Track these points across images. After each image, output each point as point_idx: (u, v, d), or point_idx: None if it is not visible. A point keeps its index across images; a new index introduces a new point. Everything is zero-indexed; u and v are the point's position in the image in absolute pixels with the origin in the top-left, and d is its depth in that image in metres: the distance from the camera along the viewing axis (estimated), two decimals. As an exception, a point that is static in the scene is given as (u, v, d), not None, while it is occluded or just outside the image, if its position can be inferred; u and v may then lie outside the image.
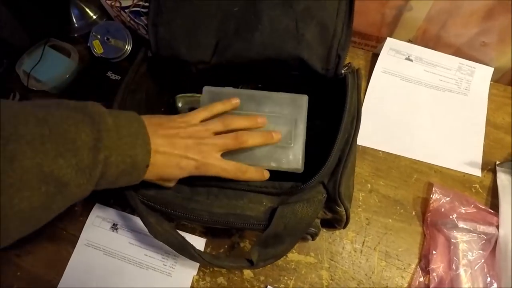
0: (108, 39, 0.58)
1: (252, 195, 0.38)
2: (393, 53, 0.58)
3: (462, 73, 0.57)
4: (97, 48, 0.58)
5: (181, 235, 0.38)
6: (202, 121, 0.37)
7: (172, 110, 0.47)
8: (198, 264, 0.47)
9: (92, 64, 0.58)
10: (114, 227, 0.49)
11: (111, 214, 0.50)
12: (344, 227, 0.41)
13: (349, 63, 0.42)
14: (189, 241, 0.47)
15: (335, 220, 0.40)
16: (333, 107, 0.41)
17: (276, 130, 0.39)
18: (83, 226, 0.49)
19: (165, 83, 0.48)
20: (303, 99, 0.40)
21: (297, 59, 0.40)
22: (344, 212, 0.37)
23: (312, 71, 0.40)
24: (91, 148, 0.27)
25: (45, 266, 0.47)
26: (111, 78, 0.56)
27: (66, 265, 0.47)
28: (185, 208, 0.38)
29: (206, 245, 0.47)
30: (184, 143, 0.34)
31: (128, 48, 0.58)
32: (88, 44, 0.58)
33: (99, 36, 0.58)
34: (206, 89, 0.41)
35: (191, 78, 0.44)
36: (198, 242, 0.47)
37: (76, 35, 0.61)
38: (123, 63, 0.59)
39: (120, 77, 0.56)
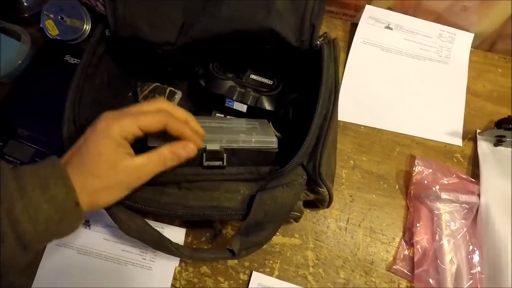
0: (62, 18, 0.52)
1: (228, 184, 0.35)
2: (373, 22, 0.55)
3: (443, 40, 0.55)
4: (51, 29, 0.52)
5: (156, 230, 0.35)
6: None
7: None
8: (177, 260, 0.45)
9: (46, 48, 0.52)
10: (86, 223, 0.46)
11: (82, 210, 0.46)
12: (327, 207, 0.39)
13: (325, 33, 0.39)
14: (168, 232, 0.46)
15: (318, 200, 0.38)
16: (310, 81, 0.38)
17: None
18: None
19: (129, 66, 0.44)
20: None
21: (268, 31, 0.37)
22: (326, 193, 0.36)
23: (285, 43, 0.37)
24: None
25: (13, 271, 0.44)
26: (69, 62, 0.51)
27: (37, 268, 0.44)
28: (157, 202, 0.35)
29: (186, 235, 0.45)
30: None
31: (87, 28, 0.53)
32: (41, 25, 0.52)
33: (51, 16, 0.52)
34: None
35: (157, 60, 0.41)
36: (177, 233, 0.45)
37: (26, 15, 0.55)
38: (83, 45, 0.53)
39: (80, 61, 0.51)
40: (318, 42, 0.37)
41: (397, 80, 0.54)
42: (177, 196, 0.35)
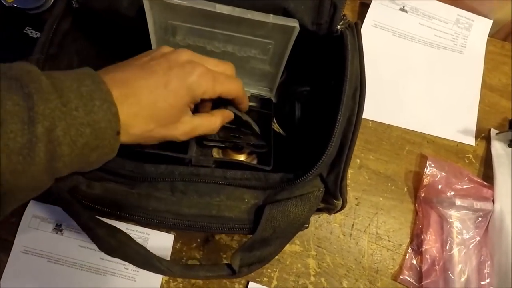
0: (20, -22, 0.43)
1: (231, 190, 0.30)
2: (386, 3, 0.49)
3: (460, 27, 0.50)
4: (7, -8, 0.42)
5: (142, 247, 0.29)
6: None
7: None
8: (167, 262, 0.40)
9: (3, 18, 0.43)
10: (58, 228, 0.40)
11: (52, 212, 0.40)
12: (334, 213, 0.35)
13: (343, 15, 0.33)
14: (154, 238, 0.41)
15: (326, 209, 0.34)
16: (327, 73, 0.33)
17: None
18: (17, 229, 0.40)
19: (106, 46, 0.36)
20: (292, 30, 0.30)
21: (280, 11, 0.31)
22: (341, 204, 0.31)
23: (299, 26, 0.30)
24: (24, 120, 0.19)
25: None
26: (30, 35, 0.42)
27: (-2, 279, 0.37)
28: (144, 209, 0.30)
29: (175, 241, 0.40)
30: (165, 64, 0.25)
31: (53, -8, 0.44)
32: (-7, -13, 0.42)
33: (6, -25, 0.42)
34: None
35: (141, 39, 0.33)
36: (165, 239, 0.40)
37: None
38: (48, 16, 0.44)
39: (44, 33, 0.42)
40: (339, 26, 0.31)
41: (409, 70, 0.49)
42: (168, 202, 0.30)
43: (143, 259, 0.29)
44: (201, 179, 0.30)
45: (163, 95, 0.24)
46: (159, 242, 0.40)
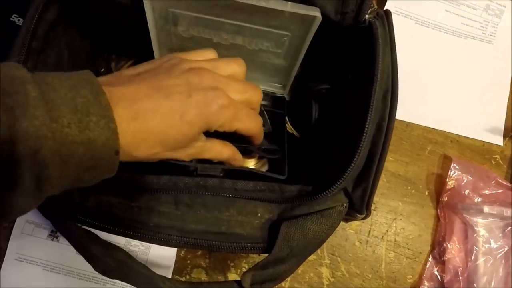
0: (3, -43, 0.38)
1: (242, 203, 0.27)
2: (410, -13, 0.45)
3: (490, 13, 0.46)
4: (-11, -27, 0.38)
5: (143, 266, 0.27)
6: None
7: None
8: (170, 271, 0.38)
9: (-15, 1, 0.39)
10: (53, 234, 0.37)
11: (46, 218, 0.37)
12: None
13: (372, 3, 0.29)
14: (156, 248, 0.38)
15: (346, 219, 0.31)
16: (350, 70, 0.29)
17: None
18: (10, 235, 0.37)
19: (99, 35, 0.32)
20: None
21: (298, -2, 0.27)
22: (363, 216, 0.28)
23: (321, 16, 0.26)
24: (5, 140, 0.16)
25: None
26: (17, 24, 0.38)
27: (-10, 291, 0.35)
28: (144, 224, 0.27)
29: (178, 249, 0.38)
30: (182, 84, 0.22)
31: (40, -27, 0.39)
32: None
33: (-13, -47, 0.38)
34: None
35: (136, 28, 0.29)
36: (168, 248, 0.37)
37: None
38: None
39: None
40: (367, 16, 0.27)
41: (432, 62, 0.45)
42: (172, 217, 0.27)
43: (145, 279, 0.26)
44: (208, 192, 0.27)
45: (177, 125, 0.21)
46: (162, 250, 0.38)
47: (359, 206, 0.25)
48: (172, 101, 0.21)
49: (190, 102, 0.21)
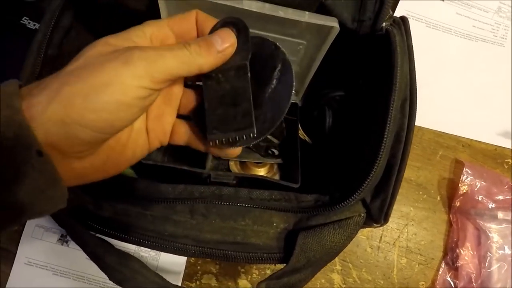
0: (12, -38, 0.38)
1: (257, 213, 0.27)
2: (422, -11, 0.44)
3: (501, 16, 0.45)
4: (-2, -22, 0.38)
5: (157, 274, 0.26)
6: None
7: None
8: (181, 277, 0.38)
9: (-5, 5, 0.38)
10: (63, 239, 0.37)
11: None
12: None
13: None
14: (165, 255, 0.38)
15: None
16: (367, 77, 0.28)
17: None
18: (20, 239, 0.37)
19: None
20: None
21: (314, 5, 0.26)
22: (380, 225, 0.28)
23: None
24: None
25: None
26: (28, 26, 0.38)
27: (1, 297, 0.35)
28: (159, 233, 0.27)
29: (188, 259, 0.37)
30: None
31: (49, -23, 0.39)
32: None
33: (-4, -43, 0.37)
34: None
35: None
36: (177, 256, 0.37)
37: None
38: (47, 5, 0.39)
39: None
40: (384, 24, 0.27)
41: (443, 65, 0.45)
42: (187, 226, 0.27)
43: (160, 290, 0.26)
44: (224, 201, 0.26)
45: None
46: (172, 256, 0.37)
47: (377, 217, 0.25)
48: None
49: None
